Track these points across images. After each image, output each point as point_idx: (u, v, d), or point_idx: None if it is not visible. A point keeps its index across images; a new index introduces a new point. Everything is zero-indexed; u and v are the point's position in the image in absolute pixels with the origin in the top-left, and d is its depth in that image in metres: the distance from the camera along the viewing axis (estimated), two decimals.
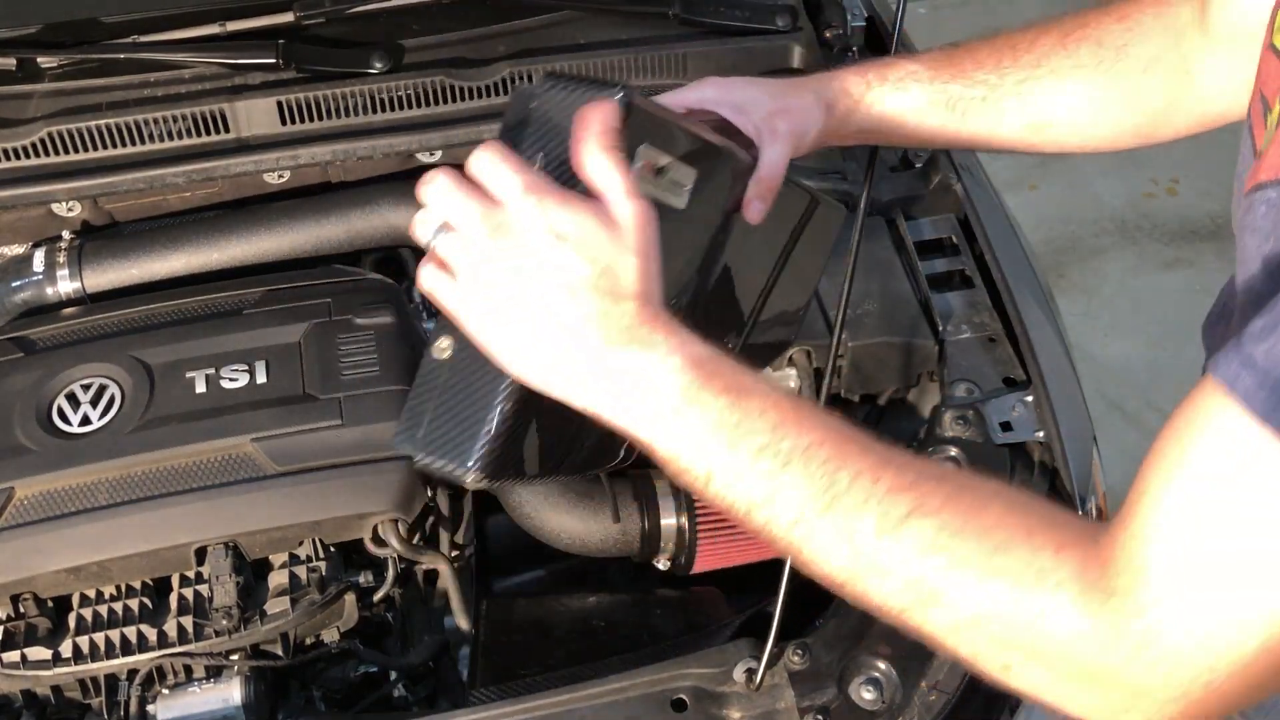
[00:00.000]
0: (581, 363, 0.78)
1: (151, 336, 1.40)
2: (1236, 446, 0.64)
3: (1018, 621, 0.70)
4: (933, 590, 0.72)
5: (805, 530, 0.74)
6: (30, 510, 1.26)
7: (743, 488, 0.76)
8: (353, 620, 1.34)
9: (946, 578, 0.71)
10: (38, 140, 1.57)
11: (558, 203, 0.78)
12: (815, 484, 0.73)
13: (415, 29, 1.71)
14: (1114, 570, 0.69)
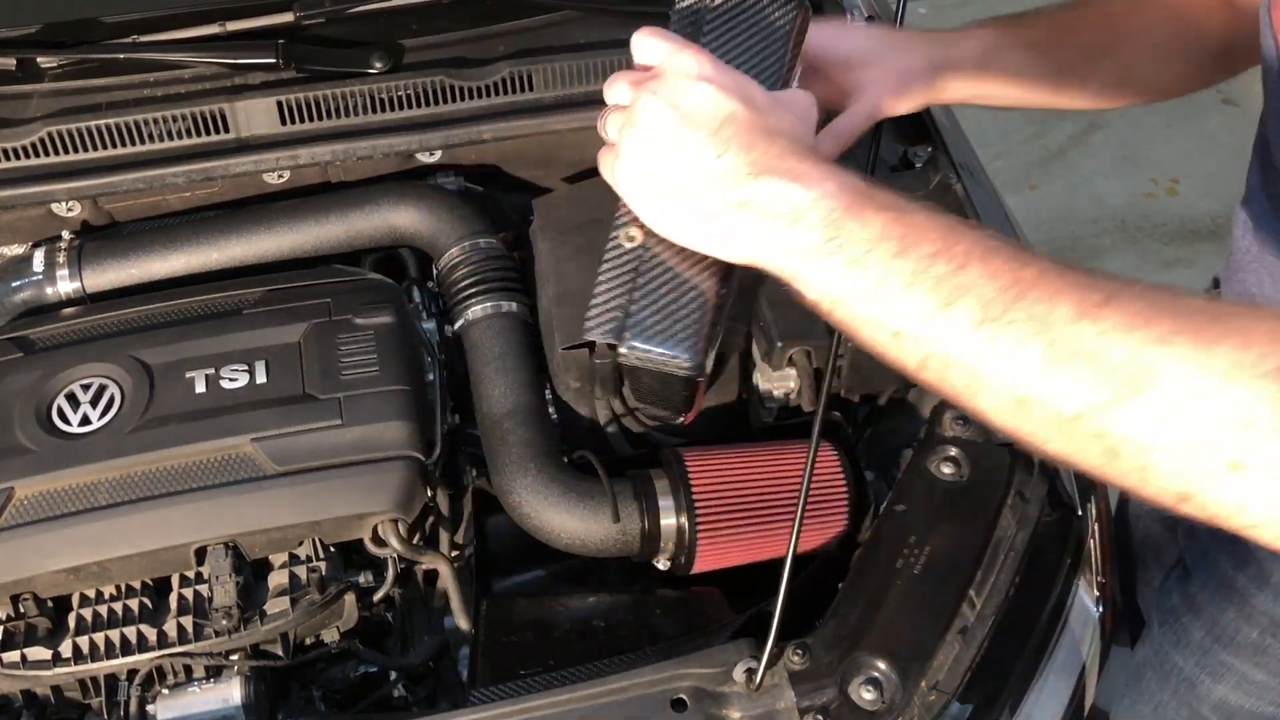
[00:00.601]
0: (729, 198, 0.75)
1: (151, 336, 1.40)
2: None
3: (1247, 401, 0.59)
4: (1140, 372, 0.62)
5: (989, 332, 0.66)
6: (30, 510, 1.26)
7: (914, 298, 0.69)
8: (353, 620, 1.34)
9: (1160, 352, 0.62)
10: (38, 140, 1.57)
11: (708, 57, 0.78)
12: (1001, 279, 0.67)
13: (415, 29, 1.71)
14: None
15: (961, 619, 1.18)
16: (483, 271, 1.55)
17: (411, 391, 1.36)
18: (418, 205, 1.62)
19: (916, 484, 1.31)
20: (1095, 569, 1.42)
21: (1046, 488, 1.33)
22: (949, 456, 1.33)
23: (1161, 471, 0.62)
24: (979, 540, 1.25)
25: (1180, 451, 0.62)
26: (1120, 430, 0.63)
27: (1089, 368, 0.63)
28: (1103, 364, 0.63)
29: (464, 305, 1.53)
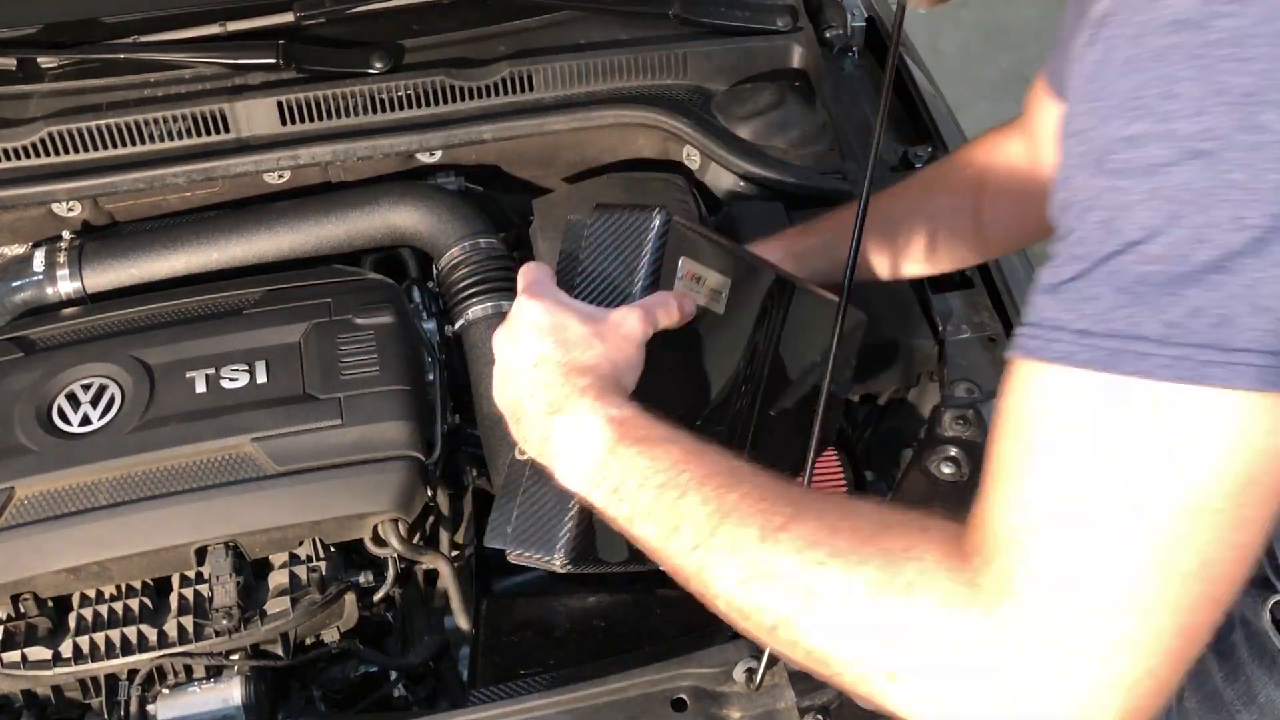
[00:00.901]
0: (539, 431, 0.89)
1: (152, 336, 1.40)
2: (1060, 397, 0.65)
3: (890, 616, 0.68)
4: (806, 592, 0.71)
5: (703, 552, 0.77)
6: (30, 510, 1.26)
7: (655, 521, 0.81)
8: (353, 620, 1.34)
9: (819, 574, 0.71)
10: (38, 140, 1.58)
11: (543, 301, 0.94)
12: (710, 505, 0.78)
13: (415, 29, 1.72)
14: (979, 554, 0.68)
15: None
16: (483, 271, 1.55)
17: (411, 391, 1.36)
18: (418, 205, 1.62)
19: (916, 484, 1.31)
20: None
21: None
22: (949, 456, 1.33)
23: (850, 679, 0.70)
24: None
25: (854, 663, 0.70)
26: (807, 642, 0.72)
27: (772, 587, 0.72)
28: (780, 584, 0.72)
29: (464, 305, 1.53)
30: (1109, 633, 0.64)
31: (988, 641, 0.66)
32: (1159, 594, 0.63)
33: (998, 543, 0.67)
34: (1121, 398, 0.63)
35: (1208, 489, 0.62)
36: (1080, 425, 0.65)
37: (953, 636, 0.66)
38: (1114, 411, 0.63)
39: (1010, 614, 0.65)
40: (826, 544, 0.72)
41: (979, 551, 0.68)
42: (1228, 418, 0.61)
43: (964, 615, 0.66)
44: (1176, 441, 0.62)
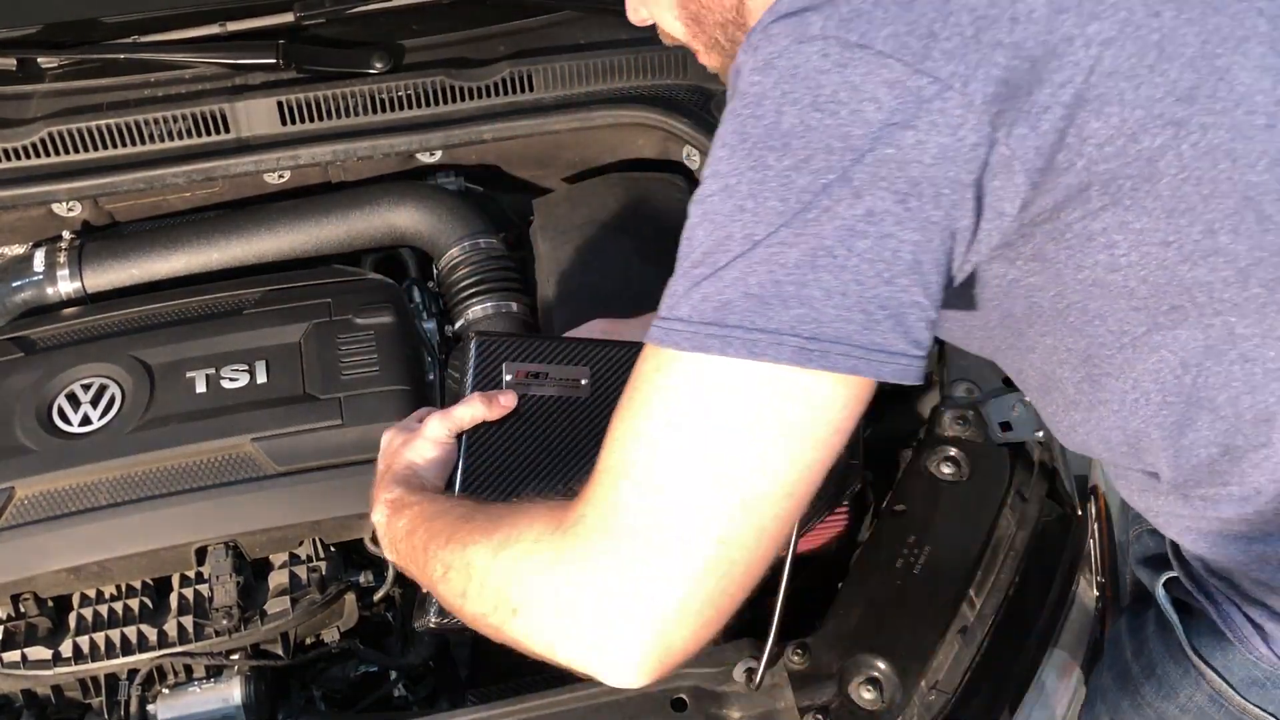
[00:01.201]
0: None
1: (152, 336, 1.40)
2: (667, 381, 0.79)
3: (510, 567, 0.85)
4: (468, 564, 0.89)
5: (444, 589, 0.93)
6: (30, 510, 1.26)
7: (415, 566, 0.99)
8: (353, 620, 1.34)
9: (475, 551, 0.89)
10: (38, 140, 1.58)
11: (393, 428, 1.17)
12: (428, 544, 0.96)
13: (415, 29, 1.72)
14: (585, 518, 0.81)
15: (961, 619, 1.18)
16: (483, 271, 1.56)
17: (411, 391, 1.36)
18: (418, 205, 1.62)
19: (916, 484, 1.31)
20: (1095, 569, 1.42)
21: (1046, 488, 1.33)
22: (949, 456, 1.33)
23: (496, 622, 0.86)
24: (979, 540, 1.25)
25: (496, 608, 0.86)
26: (475, 604, 0.88)
27: (475, 588, 0.89)
28: (455, 571, 0.91)
29: (464, 305, 1.54)
30: (667, 566, 0.78)
31: (570, 578, 0.80)
32: (708, 531, 0.78)
33: (588, 495, 0.82)
34: (667, 367, 0.80)
35: (726, 438, 0.77)
36: (640, 387, 0.82)
37: (545, 576, 0.82)
38: (661, 377, 0.80)
39: (582, 552, 0.80)
40: (479, 537, 0.90)
41: (576, 508, 0.82)
42: (723, 381, 0.77)
43: (553, 557, 0.82)
44: (702, 399, 0.78)
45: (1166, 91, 0.79)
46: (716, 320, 0.77)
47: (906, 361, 0.78)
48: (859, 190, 0.75)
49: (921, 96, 0.75)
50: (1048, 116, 0.77)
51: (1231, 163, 0.81)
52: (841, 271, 0.76)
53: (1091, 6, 0.78)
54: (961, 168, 0.76)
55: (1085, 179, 0.80)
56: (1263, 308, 0.85)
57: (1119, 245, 0.83)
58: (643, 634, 0.78)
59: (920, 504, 1.29)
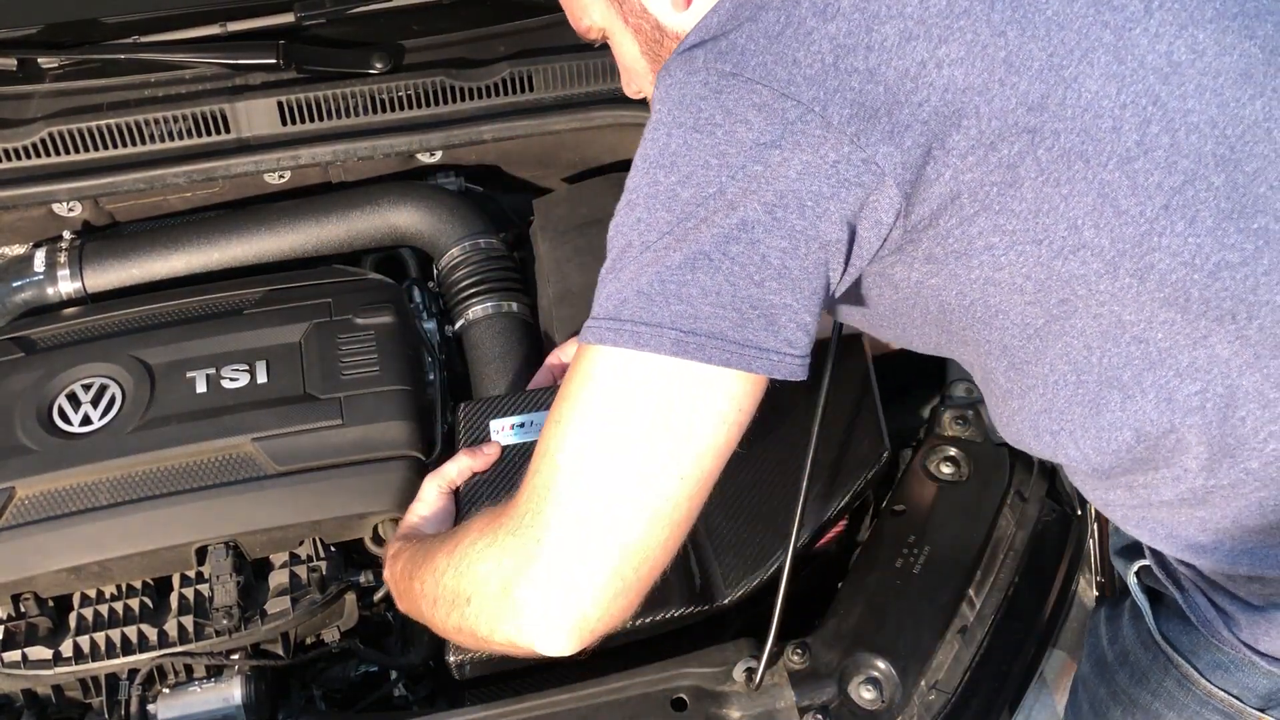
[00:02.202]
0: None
1: (152, 336, 1.40)
2: (579, 372, 0.89)
3: (460, 565, 0.96)
4: (437, 575, 1.00)
5: (427, 609, 1.02)
6: (31, 510, 1.26)
7: (417, 613, 1.07)
8: (353, 620, 1.34)
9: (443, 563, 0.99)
10: (38, 140, 1.58)
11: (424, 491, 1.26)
12: (417, 587, 1.05)
13: (415, 29, 1.72)
14: (515, 506, 0.92)
15: (961, 619, 1.19)
16: (483, 271, 1.56)
17: (412, 391, 1.36)
18: (418, 205, 1.62)
19: (916, 484, 1.31)
20: (1095, 569, 1.42)
21: (1046, 488, 1.33)
22: (949, 456, 1.33)
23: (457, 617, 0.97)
24: (979, 540, 1.25)
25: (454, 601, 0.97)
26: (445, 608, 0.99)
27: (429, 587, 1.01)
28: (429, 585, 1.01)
29: (464, 305, 1.54)
30: (578, 549, 0.88)
31: (501, 564, 0.91)
32: (613, 514, 0.87)
33: (521, 487, 0.92)
34: (579, 359, 0.90)
35: (623, 424, 0.87)
36: (565, 378, 0.91)
37: (485, 565, 0.93)
38: (575, 368, 0.90)
39: (513, 541, 0.91)
40: (441, 553, 1.01)
41: (511, 502, 0.93)
42: (619, 370, 0.87)
43: (489, 546, 0.93)
44: (601, 386, 0.88)
45: (1018, 102, 0.85)
46: (614, 315, 0.87)
47: (778, 358, 0.86)
48: (733, 202, 0.84)
49: (786, 118, 0.84)
50: (910, 133, 0.84)
51: (1085, 163, 0.87)
52: (716, 274, 0.84)
53: (940, 32, 0.85)
54: (824, 182, 0.84)
55: (954, 188, 0.87)
56: (1138, 296, 0.91)
57: (997, 246, 0.90)
58: (567, 614, 0.89)
59: (920, 504, 1.29)
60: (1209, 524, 1.01)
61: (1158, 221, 0.88)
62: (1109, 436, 0.98)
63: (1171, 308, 0.90)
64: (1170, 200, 0.88)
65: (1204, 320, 0.90)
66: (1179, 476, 0.98)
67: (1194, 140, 0.87)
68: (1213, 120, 0.88)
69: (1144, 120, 0.87)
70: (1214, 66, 0.88)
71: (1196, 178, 0.87)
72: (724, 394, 0.86)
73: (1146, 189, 0.87)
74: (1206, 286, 0.89)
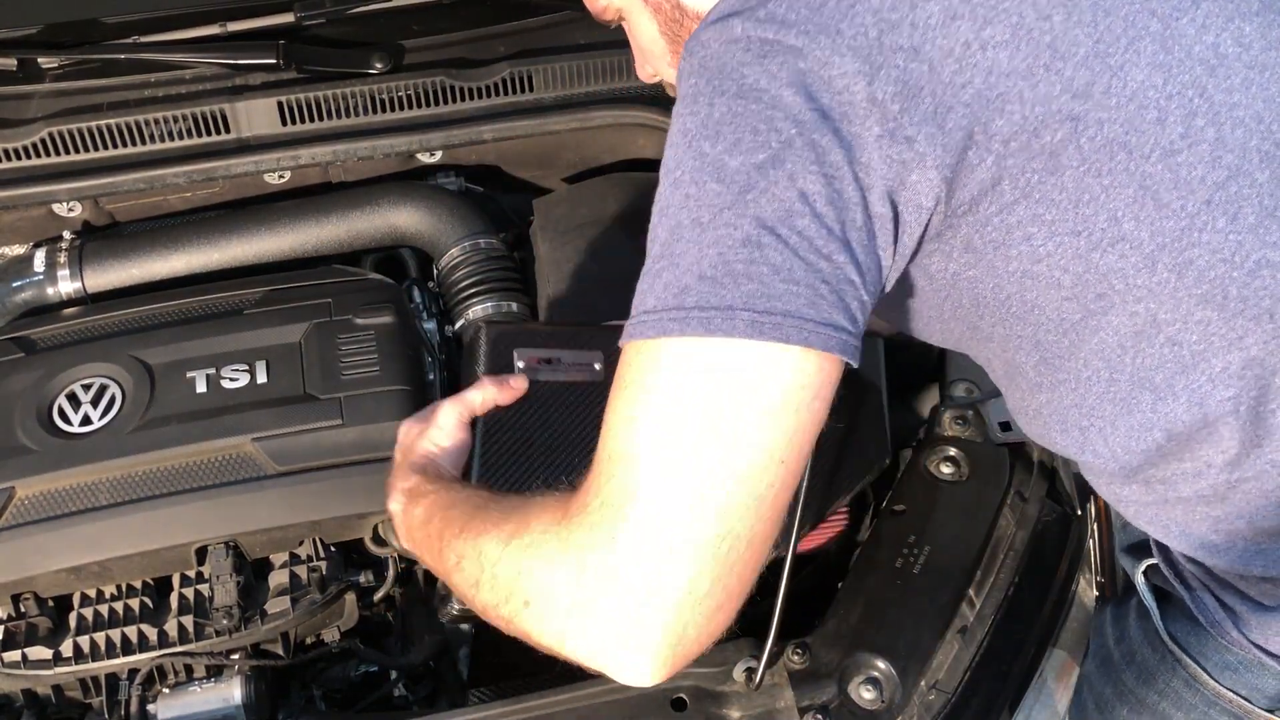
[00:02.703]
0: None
1: (152, 336, 1.40)
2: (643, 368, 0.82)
3: (520, 561, 0.86)
4: (480, 553, 0.91)
5: (458, 578, 0.94)
6: (31, 510, 1.26)
7: (429, 553, 1.01)
8: (353, 620, 1.34)
9: (487, 541, 0.90)
10: (38, 140, 1.58)
11: (410, 418, 1.18)
12: (446, 549, 0.97)
13: (415, 29, 1.72)
14: (587, 509, 0.82)
15: (961, 619, 1.19)
16: (483, 272, 1.56)
17: (412, 391, 1.36)
18: (418, 205, 1.62)
19: (916, 484, 1.31)
20: (1095, 569, 1.42)
21: (1046, 488, 1.33)
22: (949, 456, 1.33)
23: (509, 613, 0.87)
24: (979, 540, 1.25)
25: (508, 598, 0.87)
26: (487, 592, 0.90)
27: (469, 563, 0.92)
28: (469, 560, 0.92)
29: (464, 305, 1.54)
30: (671, 550, 0.79)
31: (575, 570, 0.81)
32: (705, 509, 0.79)
33: (588, 486, 0.84)
34: (638, 357, 0.83)
35: (703, 416, 0.79)
36: (620, 380, 0.85)
37: (553, 568, 0.83)
38: (634, 368, 0.83)
39: (585, 542, 0.81)
40: (491, 529, 0.91)
41: (578, 499, 0.84)
42: (691, 361, 0.80)
43: (558, 548, 0.83)
44: (674, 381, 0.81)
45: (1063, 89, 0.84)
46: (677, 305, 0.81)
47: (848, 336, 0.82)
48: (792, 174, 0.80)
49: (833, 88, 0.81)
50: (952, 115, 0.82)
51: (1127, 154, 0.85)
52: (784, 248, 0.80)
53: (985, 13, 0.83)
54: (871, 153, 0.81)
55: (996, 173, 0.85)
56: (1175, 293, 0.89)
57: (1035, 237, 0.88)
58: (656, 626, 0.79)
59: (920, 504, 1.29)
60: (1223, 523, 1.00)
61: (1199, 216, 0.86)
62: (1139, 436, 0.97)
63: (1208, 305, 0.89)
64: (1213, 195, 0.86)
65: (1240, 319, 0.89)
66: (1201, 472, 0.97)
67: (1239, 135, 0.86)
68: (1258, 115, 0.86)
69: (1190, 113, 0.85)
70: (1260, 60, 0.87)
71: (1240, 173, 0.86)
72: (807, 373, 0.81)
73: (1189, 183, 0.86)
74: (1245, 284, 0.88)
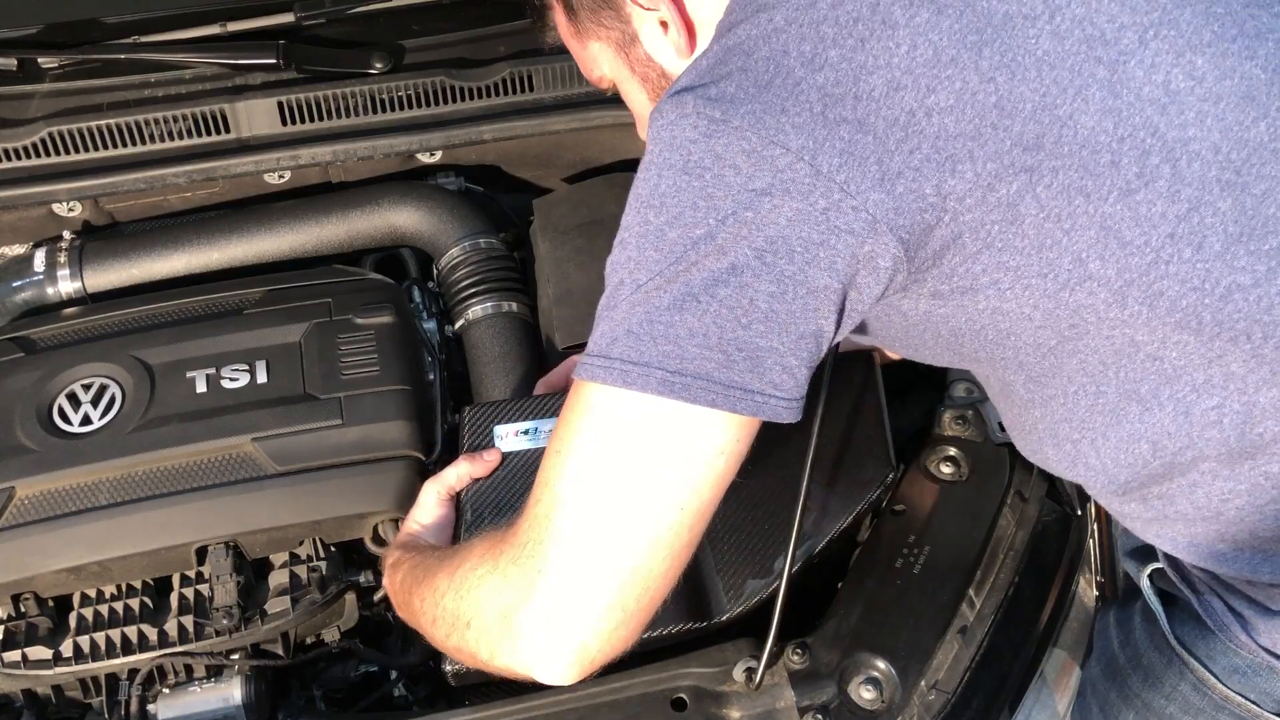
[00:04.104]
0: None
1: (152, 336, 1.40)
2: (576, 406, 0.91)
3: (459, 587, 0.98)
4: (435, 589, 1.02)
5: (427, 625, 1.04)
6: (31, 510, 1.26)
7: (415, 625, 1.09)
8: (353, 620, 1.34)
9: (442, 581, 1.02)
10: (39, 140, 1.58)
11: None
12: (416, 602, 1.07)
13: (415, 29, 1.72)
14: (516, 534, 0.93)
15: (961, 619, 1.19)
16: (483, 271, 1.56)
17: (412, 391, 1.36)
18: (418, 205, 1.62)
19: (916, 484, 1.31)
20: (1095, 569, 1.42)
21: (1046, 488, 1.33)
22: (949, 456, 1.33)
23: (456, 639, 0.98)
24: (979, 540, 1.25)
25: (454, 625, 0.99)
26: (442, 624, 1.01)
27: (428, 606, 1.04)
28: (428, 604, 1.04)
29: (464, 305, 1.54)
30: (579, 581, 0.89)
31: (502, 591, 0.93)
32: (611, 549, 0.89)
33: (522, 514, 0.94)
34: (574, 395, 0.92)
35: (617, 460, 0.89)
36: (562, 414, 0.93)
37: (484, 589, 0.95)
38: (570, 405, 0.92)
39: (512, 569, 0.92)
40: (442, 572, 1.03)
41: (511, 528, 0.95)
42: (611, 409, 0.89)
43: (489, 572, 0.95)
44: (597, 423, 0.89)
45: (1013, 144, 0.86)
46: (605, 354, 0.89)
47: (763, 399, 0.87)
48: (723, 247, 0.85)
49: (776, 166, 0.84)
50: (902, 180, 0.85)
51: (1085, 198, 0.87)
52: (704, 315, 0.86)
53: (928, 82, 0.85)
54: (814, 229, 0.85)
55: (955, 229, 0.88)
56: (1149, 321, 0.91)
57: (1002, 282, 0.91)
58: (565, 643, 0.90)
59: (920, 504, 1.29)
60: (1226, 534, 1.01)
61: (1164, 250, 0.88)
62: (1128, 447, 0.99)
63: (1184, 330, 0.90)
64: (1175, 229, 0.87)
65: (1218, 341, 0.90)
66: (1196, 483, 0.98)
67: (1196, 167, 0.87)
68: (1215, 146, 0.87)
69: (1143, 153, 0.86)
70: (1214, 91, 0.88)
71: (1202, 204, 0.87)
72: (713, 431, 0.88)
73: (1150, 219, 0.87)
74: (1219, 310, 0.89)
